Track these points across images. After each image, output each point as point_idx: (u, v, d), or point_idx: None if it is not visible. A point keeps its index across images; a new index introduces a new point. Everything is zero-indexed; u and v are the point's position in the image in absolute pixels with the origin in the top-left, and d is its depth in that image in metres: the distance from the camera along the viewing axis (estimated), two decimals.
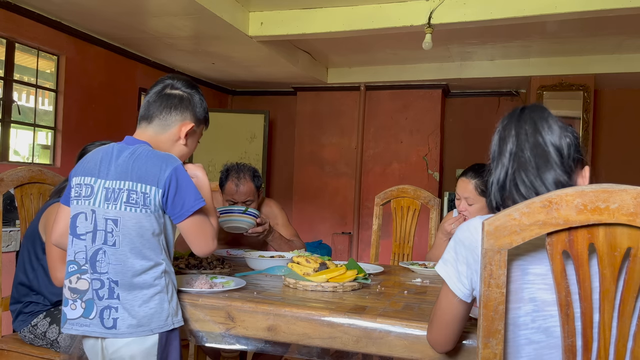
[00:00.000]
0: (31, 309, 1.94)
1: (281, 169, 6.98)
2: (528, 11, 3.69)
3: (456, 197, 2.32)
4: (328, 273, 1.69)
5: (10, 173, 2.08)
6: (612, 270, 0.92)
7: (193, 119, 1.54)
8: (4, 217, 2.09)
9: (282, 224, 2.61)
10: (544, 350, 1.00)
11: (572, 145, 1.10)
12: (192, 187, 1.41)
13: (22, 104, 4.14)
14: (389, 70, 5.95)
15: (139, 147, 1.44)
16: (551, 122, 1.11)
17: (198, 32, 4.43)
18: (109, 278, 1.37)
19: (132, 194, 1.37)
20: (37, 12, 4.01)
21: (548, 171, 1.07)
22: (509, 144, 1.12)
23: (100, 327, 1.37)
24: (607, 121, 5.78)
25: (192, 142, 1.58)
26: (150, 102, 1.52)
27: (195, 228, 1.43)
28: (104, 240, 1.38)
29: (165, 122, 1.50)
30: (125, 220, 1.37)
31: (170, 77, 1.58)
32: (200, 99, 1.57)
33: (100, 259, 1.38)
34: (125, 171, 1.39)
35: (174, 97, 1.52)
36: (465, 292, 1.08)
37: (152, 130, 1.50)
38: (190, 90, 1.56)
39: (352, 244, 6.23)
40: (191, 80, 1.60)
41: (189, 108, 1.53)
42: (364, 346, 1.33)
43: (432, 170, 6.12)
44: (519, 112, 1.14)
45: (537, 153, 1.08)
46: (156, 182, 1.37)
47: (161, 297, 1.40)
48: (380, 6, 4.08)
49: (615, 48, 4.93)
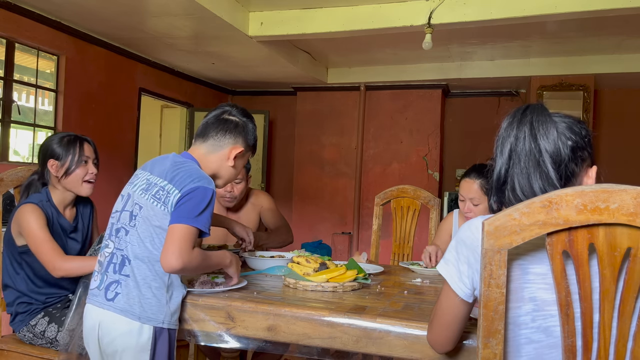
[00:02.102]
0: (27, 309, 1.94)
1: (281, 169, 6.98)
2: (528, 11, 3.69)
3: (459, 199, 2.31)
4: (328, 273, 1.69)
5: (10, 173, 2.08)
6: (612, 270, 0.92)
7: (244, 144, 1.67)
8: (4, 217, 2.08)
9: (268, 208, 2.69)
10: (544, 349, 1.00)
11: (577, 147, 1.08)
12: (202, 209, 1.44)
13: (22, 104, 4.14)
14: (389, 70, 5.95)
15: (190, 162, 1.56)
16: (549, 125, 1.09)
17: (198, 32, 4.43)
18: (125, 254, 1.46)
19: (161, 190, 1.48)
20: (37, 12, 4.01)
21: (535, 179, 1.07)
22: (508, 145, 1.12)
23: (102, 298, 1.45)
24: (607, 121, 5.79)
25: (239, 165, 1.69)
26: (208, 124, 1.65)
27: (180, 236, 1.39)
28: (129, 221, 1.49)
29: (219, 142, 1.63)
30: (147, 209, 1.47)
31: (230, 104, 1.72)
32: (253, 128, 1.72)
33: (120, 236, 1.49)
34: (167, 172, 1.51)
35: (231, 122, 1.65)
36: (467, 292, 1.08)
37: (205, 149, 1.63)
38: (245, 118, 1.70)
39: (352, 244, 6.23)
40: (247, 110, 1.75)
41: (242, 134, 1.66)
42: (364, 346, 1.33)
43: (432, 170, 6.12)
44: (520, 113, 1.13)
45: (529, 159, 1.08)
46: (181, 188, 1.46)
47: (161, 292, 1.43)
48: (380, 6, 4.08)
49: (615, 48, 4.93)
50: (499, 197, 1.14)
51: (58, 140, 1.95)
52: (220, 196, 2.48)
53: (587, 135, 1.11)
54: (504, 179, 1.11)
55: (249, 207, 2.68)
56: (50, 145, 1.95)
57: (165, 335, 1.44)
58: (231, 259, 1.60)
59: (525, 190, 1.07)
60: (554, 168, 1.07)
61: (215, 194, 1.51)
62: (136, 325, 1.41)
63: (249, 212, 2.67)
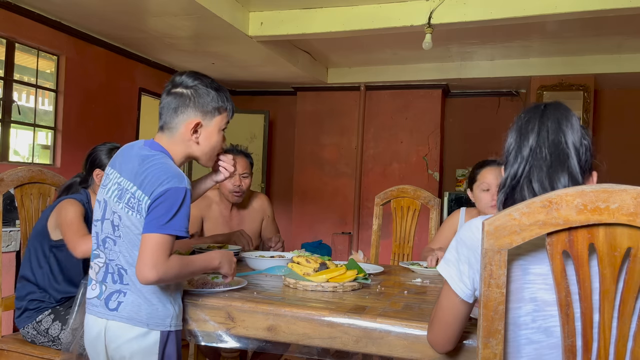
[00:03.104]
0: (36, 306, 1.96)
1: (281, 169, 6.98)
2: (528, 11, 3.69)
3: (483, 189, 2.24)
4: (328, 273, 1.69)
5: (10, 173, 2.08)
6: (612, 270, 0.92)
7: (198, 114, 1.47)
8: (4, 217, 2.10)
9: (272, 219, 2.75)
10: (544, 350, 1.00)
11: (588, 149, 1.09)
12: (175, 212, 1.34)
13: (22, 104, 4.14)
14: (389, 70, 5.95)
15: (158, 155, 1.43)
16: (574, 122, 1.09)
17: (198, 32, 4.43)
18: (119, 265, 1.41)
19: (132, 198, 1.39)
20: (37, 12, 4.01)
21: (562, 172, 1.06)
22: (531, 139, 1.10)
23: (104, 309, 1.41)
24: (607, 121, 5.78)
25: (208, 137, 1.50)
26: (161, 106, 1.50)
27: (153, 246, 1.31)
28: (112, 231, 1.43)
29: (171, 125, 1.47)
30: (125, 219, 1.41)
31: (177, 73, 1.52)
32: (207, 90, 1.49)
33: (108, 247, 1.43)
34: (136, 175, 1.40)
35: (176, 97, 1.47)
36: (467, 292, 1.08)
37: (165, 136, 1.49)
38: (193, 83, 1.48)
39: (352, 244, 6.23)
40: (195, 72, 1.52)
41: (191, 104, 1.46)
42: (364, 346, 1.33)
43: (432, 170, 6.12)
44: (542, 108, 1.12)
45: (555, 152, 1.07)
46: (150, 193, 1.36)
47: (160, 296, 1.41)
48: (380, 6, 4.08)
49: (615, 48, 4.93)
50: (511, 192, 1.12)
51: (107, 151, 2.09)
52: (230, 192, 2.49)
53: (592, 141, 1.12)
54: (521, 173, 1.10)
55: (253, 211, 2.68)
56: (99, 156, 2.09)
57: (172, 336, 1.43)
58: (220, 260, 1.50)
59: (545, 184, 1.06)
60: (578, 164, 1.07)
61: (190, 191, 1.38)
62: (143, 331, 1.39)
63: (253, 217, 2.67)
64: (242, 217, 2.65)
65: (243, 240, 2.33)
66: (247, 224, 2.63)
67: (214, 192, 2.63)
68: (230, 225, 2.59)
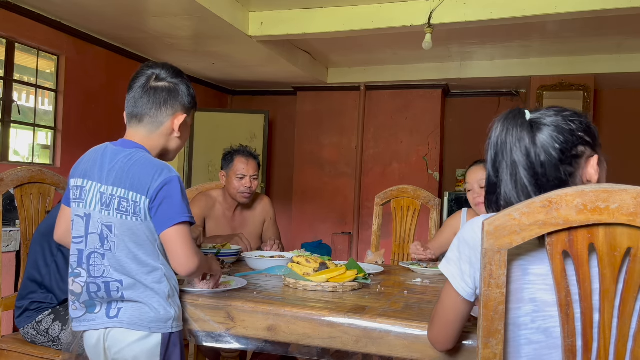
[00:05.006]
0: (37, 306, 1.95)
1: (281, 169, 6.98)
2: (528, 11, 3.69)
3: (467, 190, 2.31)
4: (328, 273, 1.69)
5: (10, 173, 2.08)
6: (612, 270, 0.92)
7: (183, 109, 1.49)
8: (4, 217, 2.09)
9: (274, 221, 2.75)
10: (544, 350, 1.00)
11: (567, 148, 1.06)
12: (180, 201, 1.37)
13: (22, 104, 4.14)
14: (389, 70, 5.95)
15: (136, 152, 1.41)
16: (524, 134, 1.07)
17: (198, 32, 4.43)
18: (107, 280, 1.38)
19: (124, 201, 1.36)
20: (37, 12, 4.01)
21: (517, 194, 1.07)
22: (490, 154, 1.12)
23: (104, 318, 1.40)
24: (607, 121, 5.78)
25: (185, 132, 1.55)
26: (136, 99, 1.45)
27: (180, 238, 1.36)
28: (101, 244, 1.38)
29: (156, 119, 1.45)
30: (117, 227, 1.37)
31: (152, 65, 1.49)
32: (187, 87, 1.51)
33: (94, 263, 1.39)
34: (121, 178, 1.37)
35: (162, 91, 1.45)
36: (469, 292, 1.08)
37: (144, 130, 1.46)
38: (175, 79, 1.48)
39: (352, 244, 6.23)
40: (174, 67, 1.52)
41: (178, 99, 1.47)
42: (364, 346, 1.33)
43: (432, 170, 6.12)
44: (500, 124, 1.11)
45: (510, 172, 1.08)
46: (146, 192, 1.35)
47: (160, 301, 1.40)
48: (380, 6, 4.08)
49: (615, 48, 4.93)
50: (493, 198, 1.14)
51: None
52: (239, 192, 2.49)
53: (579, 129, 1.08)
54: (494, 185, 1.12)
55: (256, 213, 2.69)
56: None
57: (174, 338, 1.43)
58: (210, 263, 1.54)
59: (508, 200, 1.08)
60: (533, 180, 1.06)
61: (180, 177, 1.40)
62: (145, 334, 1.39)
63: (255, 218, 2.68)
64: (245, 218, 2.65)
65: (242, 244, 2.33)
66: (249, 225, 2.63)
67: (218, 191, 2.63)
68: (233, 225, 2.59)
